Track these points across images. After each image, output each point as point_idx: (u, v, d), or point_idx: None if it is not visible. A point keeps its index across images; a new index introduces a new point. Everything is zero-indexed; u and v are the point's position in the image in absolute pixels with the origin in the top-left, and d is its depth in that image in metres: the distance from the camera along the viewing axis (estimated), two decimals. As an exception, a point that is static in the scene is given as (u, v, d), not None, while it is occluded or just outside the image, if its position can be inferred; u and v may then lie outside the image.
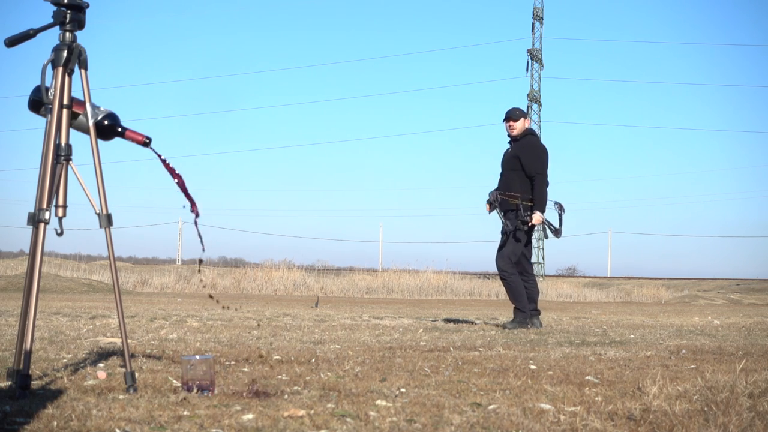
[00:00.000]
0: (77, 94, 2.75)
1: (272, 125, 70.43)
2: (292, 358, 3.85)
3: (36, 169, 2.66)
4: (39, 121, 2.78)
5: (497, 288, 28.36)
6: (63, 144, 2.68)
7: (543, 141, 7.63)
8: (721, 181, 70.06)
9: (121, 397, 2.56)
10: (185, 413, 2.30)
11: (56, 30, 2.71)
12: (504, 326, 6.94)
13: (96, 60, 2.80)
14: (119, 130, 2.91)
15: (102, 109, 2.88)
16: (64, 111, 2.69)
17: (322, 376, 3.20)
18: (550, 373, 3.47)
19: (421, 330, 6.50)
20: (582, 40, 66.38)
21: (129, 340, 2.80)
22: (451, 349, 4.64)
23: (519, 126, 7.33)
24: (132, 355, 2.94)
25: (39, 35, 2.70)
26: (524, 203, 6.97)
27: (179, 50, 73.79)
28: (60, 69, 2.68)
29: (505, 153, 7.36)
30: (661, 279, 37.82)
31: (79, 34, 2.73)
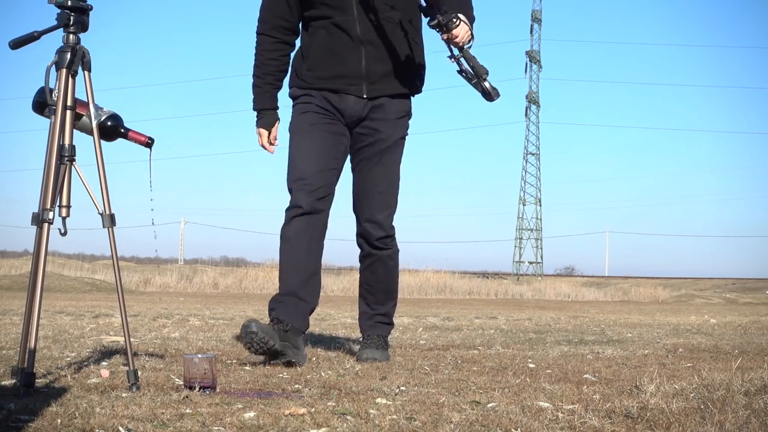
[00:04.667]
0: (81, 95, 2.78)
1: (273, 125, 70.30)
2: (293, 357, 3.87)
3: (40, 169, 2.69)
4: (43, 123, 2.81)
5: (496, 287, 28.36)
6: (67, 145, 2.71)
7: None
8: (719, 182, 70.19)
9: (124, 395, 2.58)
10: (187, 411, 2.33)
11: (60, 32, 2.74)
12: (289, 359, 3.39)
13: (99, 61, 2.83)
14: (122, 131, 2.94)
15: (105, 110, 2.91)
16: (68, 112, 2.71)
17: (322, 374, 3.22)
18: (549, 371, 3.50)
19: (421, 329, 6.52)
20: (580, 42, 66.41)
21: (132, 339, 2.83)
22: (451, 348, 4.66)
23: None
24: (135, 354, 2.96)
25: (42, 37, 2.73)
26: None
27: (181, 51, 73.78)
28: (63, 71, 2.71)
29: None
30: (658, 278, 37.79)
31: (83, 36, 2.76)
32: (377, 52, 3.51)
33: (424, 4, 3.41)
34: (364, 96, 3.55)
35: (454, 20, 3.33)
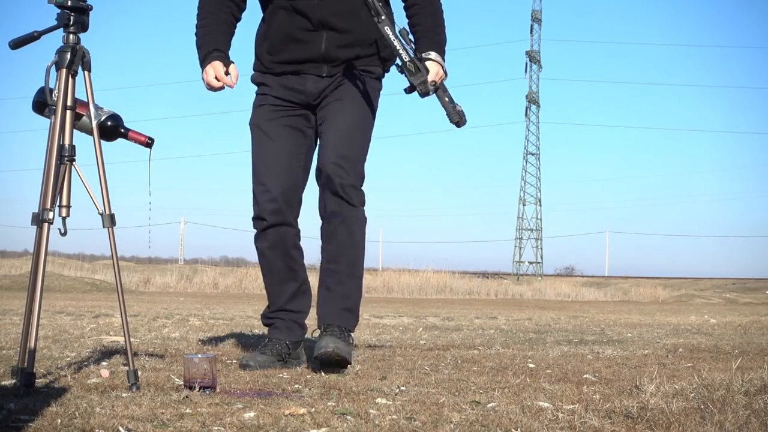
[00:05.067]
0: (81, 95, 2.78)
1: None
2: (293, 357, 3.87)
3: (40, 169, 2.69)
4: (43, 123, 2.81)
5: (496, 287, 28.37)
6: (67, 145, 2.71)
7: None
8: (719, 182, 70.25)
9: (124, 395, 2.58)
10: (187, 411, 2.33)
11: (60, 32, 2.74)
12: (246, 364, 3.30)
13: (99, 61, 2.83)
14: (122, 131, 2.94)
15: (105, 110, 2.91)
16: (68, 112, 2.71)
17: (322, 374, 3.22)
18: (549, 371, 3.50)
19: (421, 329, 6.52)
20: (580, 42, 66.48)
21: (132, 339, 2.83)
22: (451, 348, 4.66)
23: None
24: (135, 354, 2.96)
25: (42, 37, 2.73)
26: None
27: (181, 51, 73.82)
28: (63, 71, 2.71)
29: None
30: (658, 278, 37.79)
31: (83, 36, 2.76)
32: (339, 37, 3.27)
33: (399, 63, 3.14)
34: (324, 75, 3.33)
35: (431, 92, 3.15)
